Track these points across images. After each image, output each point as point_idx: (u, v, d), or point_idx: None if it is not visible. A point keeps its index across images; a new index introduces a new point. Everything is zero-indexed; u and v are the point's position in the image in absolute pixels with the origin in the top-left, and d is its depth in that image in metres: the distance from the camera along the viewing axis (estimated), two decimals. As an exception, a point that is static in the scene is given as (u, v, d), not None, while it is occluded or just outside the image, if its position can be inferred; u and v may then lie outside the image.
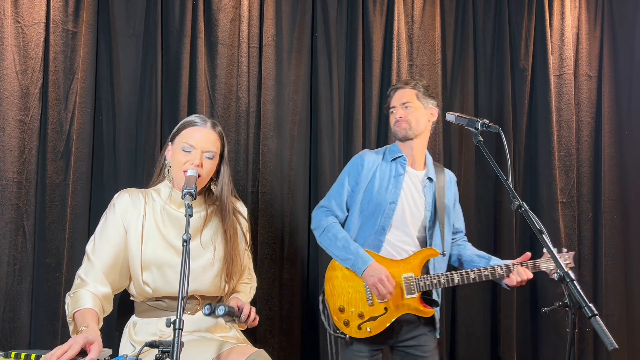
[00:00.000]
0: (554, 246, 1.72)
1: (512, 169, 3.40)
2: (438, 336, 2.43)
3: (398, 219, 2.37)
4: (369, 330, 2.28)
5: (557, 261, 1.64)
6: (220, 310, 1.72)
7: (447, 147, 3.35)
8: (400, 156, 2.43)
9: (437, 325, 2.41)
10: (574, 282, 1.60)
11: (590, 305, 1.54)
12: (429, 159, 2.51)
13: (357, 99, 3.16)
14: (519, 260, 2.33)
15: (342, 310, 2.31)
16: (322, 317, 2.37)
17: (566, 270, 1.62)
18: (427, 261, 2.37)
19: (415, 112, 2.40)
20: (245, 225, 2.13)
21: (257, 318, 1.90)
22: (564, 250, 2.43)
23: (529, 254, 2.34)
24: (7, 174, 2.60)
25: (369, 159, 2.44)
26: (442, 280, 2.29)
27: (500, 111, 3.41)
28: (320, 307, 2.39)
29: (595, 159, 3.55)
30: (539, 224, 1.73)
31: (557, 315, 3.29)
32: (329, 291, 2.36)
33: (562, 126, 3.48)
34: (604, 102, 3.56)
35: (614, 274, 3.49)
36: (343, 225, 2.45)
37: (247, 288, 2.15)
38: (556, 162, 3.41)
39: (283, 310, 3.01)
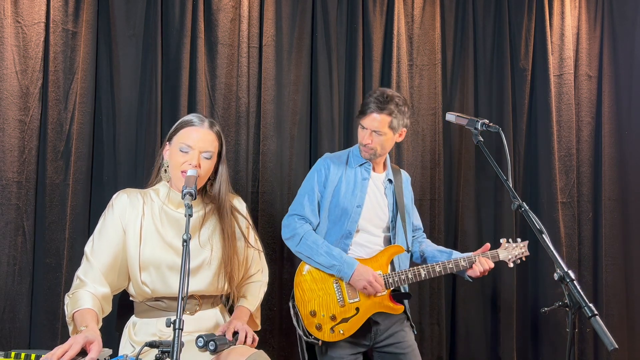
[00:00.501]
0: (555, 246, 1.72)
1: (512, 169, 3.40)
2: (415, 332, 2.46)
3: (364, 222, 2.40)
4: (341, 332, 2.28)
5: (558, 261, 1.64)
6: (211, 346, 1.76)
7: (447, 147, 3.35)
8: (365, 162, 2.45)
9: (411, 320, 2.45)
10: (574, 282, 1.60)
11: (590, 305, 1.55)
12: (388, 160, 2.54)
13: (357, 99, 3.15)
14: (479, 251, 2.40)
15: (313, 314, 2.31)
16: (294, 323, 2.36)
17: (566, 270, 1.62)
18: (393, 258, 2.40)
19: (383, 140, 2.37)
20: (244, 223, 2.12)
21: (257, 340, 1.88)
22: (518, 240, 2.49)
23: (488, 245, 2.42)
24: (7, 174, 2.60)
25: (334, 164, 2.46)
26: (410, 276, 2.33)
27: (500, 111, 3.41)
28: (291, 312, 2.38)
29: (595, 159, 3.55)
30: (539, 224, 1.73)
31: (557, 315, 3.29)
32: (299, 297, 2.36)
33: (562, 126, 3.47)
34: (604, 102, 3.55)
35: (614, 274, 3.49)
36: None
37: (255, 288, 2.13)
38: (556, 162, 3.41)
39: (283, 310, 3.01)
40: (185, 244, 1.55)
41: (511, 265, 2.46)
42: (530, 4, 3.46)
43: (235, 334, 1.86)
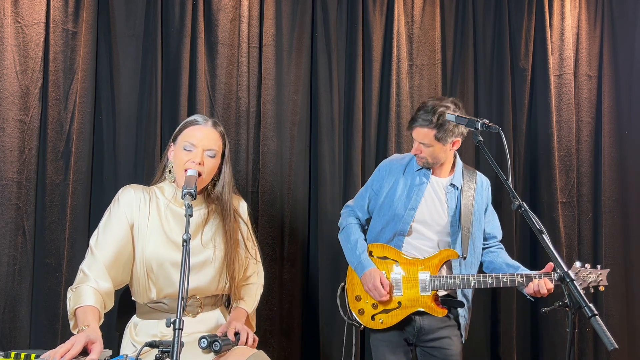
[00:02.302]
0: (555, 246, 1.72)
1: (512, 169, 3.40)
2: (463, 341, 2.43)
3: (417, 225, 2.40)
4: (381, 321, 2.34)
5: (557, 261, 1.64)
6: (216, 346, 1.79)
7: (447, 147, 3.35)
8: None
9: (462, 329, 2.41)
10: (574, 282, 1.60)
11: (590, 305, 1.54)
12: (459, 165, 2.47)
13: (357, 99, 3.16)
14: (542, 271, 2.27)
15: (358, 299, 2.40)
16: (338, 303, 2.45)
17: (566, 270, 1.62)
18: (449, 263, 2.38)
19: (432, 151, 2.34)
20: (245, 231, 2.12)
21: (257, 340, 1.90)
22: (598, 266, 2.40)
23: (551, 264, 2.26)
24: (7, 174, 2.60)
25: (393, 169, 2.48)
26: (458, 282, 2.30)
27: (500, 111, 3.41)
28: (339, 292, 2.47)
29: (595, 159, 3.55)
30: (539, 224, 1.73)
31: (557, 315, 3.29)
32: (349, 280, 2.44)
33: (562, 126, 3.47)
34: (604, 102, 3.55)
35: (614, 274, 3.48)
36: (368, 225, 2.53)
37: (252, 290, 2.13)
38: (556, 162, 3.41)
39: (283, 310, 3.01)
40: (185, 243, 1.55)
41: (591, 289, 2.34)
42: (530, 4, 3.46)
43: (237, 334, 1.87)
